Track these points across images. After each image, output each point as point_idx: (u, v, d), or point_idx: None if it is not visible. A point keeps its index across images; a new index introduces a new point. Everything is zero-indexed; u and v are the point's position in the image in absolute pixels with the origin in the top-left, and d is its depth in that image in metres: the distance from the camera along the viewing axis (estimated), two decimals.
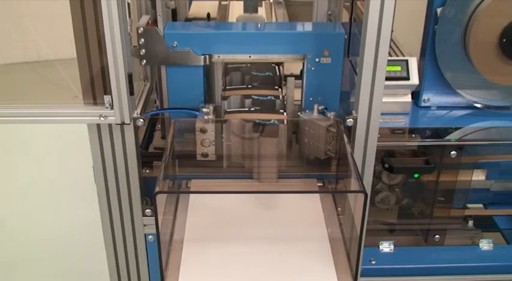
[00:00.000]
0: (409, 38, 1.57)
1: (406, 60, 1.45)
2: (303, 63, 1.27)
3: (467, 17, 1.39)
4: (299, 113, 1.28)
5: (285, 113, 1.29)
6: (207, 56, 1.25)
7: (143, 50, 1.22)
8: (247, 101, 1.34)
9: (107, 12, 1.04)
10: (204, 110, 1.23)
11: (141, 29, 1.21)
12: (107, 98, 1.13)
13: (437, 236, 1.49)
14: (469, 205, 1.54)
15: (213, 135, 1.23)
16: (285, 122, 1.25)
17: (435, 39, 1.43)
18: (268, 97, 1.34)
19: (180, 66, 1.24)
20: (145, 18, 1.29)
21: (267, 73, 1.43)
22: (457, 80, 1.48)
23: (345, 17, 1.53)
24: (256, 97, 1.34)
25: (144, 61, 1.23)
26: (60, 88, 1.28)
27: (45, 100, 1.18)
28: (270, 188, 1.28)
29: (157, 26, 1.24)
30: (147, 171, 1.37)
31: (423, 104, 1.51)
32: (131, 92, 1.14)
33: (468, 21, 1.39)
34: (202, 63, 1.25)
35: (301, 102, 1.31)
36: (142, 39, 1.21)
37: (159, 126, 1.54)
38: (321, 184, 1.35)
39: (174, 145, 1.23)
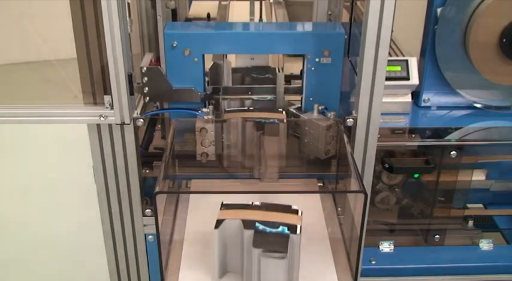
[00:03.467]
0: (409, 38, 1.57)
1: (406, 60, 1.45)
2: (303, 64, 1.27)
3: (467, 17, 1.39)
4: (291, 109, 1.27)
5: (284, 112, 1.28)
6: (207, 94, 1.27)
7: (146, 88, 1.24)
8: (247, 101, 1.34)
9: (107, 12, 1.04)
10: (204, 110, 1.23)
11: (145, 68, 1.22)
12: (106, 98, 1.13)
13: (437, 236, 1.49)
14: (469, 205, 1.55)
15: (213, 136, 1.23)
16: (285, 121, 1.25)
17: (435, 39, 1.43)
18: (269, 98, 1.34)
19: (180, 65, 1.24)
20: (148, 57, 1.29)
21: (267, 75, 1.43)
22: (457, 80, 1.48)
23: (345, 17, 1.53)
24: (256, 98, 1.34)
25: (148, 98, 1.25)
26: (60, 88, 1.28)
27: (45, 100, 1.18)
28: (270, 188, 1.28)
29: (159, 65, 1.24)
30: (147, 171, 1.37)
31: (423, 104, 1.51)
32: (131, 92, 1.14)
33: (468, 21, 1.39)
34: (203, 101, 1.26)
35: (301, 103, 1.31)
36: (146, 78, 1.23)
37: (159, 126, 1.54)
38: (321, 184, 1.35)
39: (174, 145, 1.23)
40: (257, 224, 1.01)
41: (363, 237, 1.08)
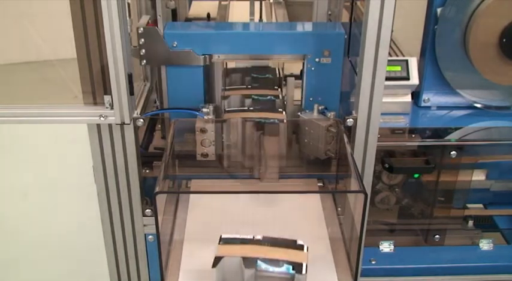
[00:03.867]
0: (409, 38, 1.57)
1: (406, 60, 1.45)
2: (303, 63, 1.27)
3: (467, 17, 1.39)
4: (299, 113, 1.28)
5: (284, 112, 1.29)
6: (207, 56, 1.25)
7: (143, 50, 1.22)
8: (247, 101, 1.34)
9: (107, 12, 1.04)
10: (204, 110, 1.23)
11: (141, 29, 1.21)
12: (107, 98, 1.13)
13: (437, 236, 1.49)
14: (469, 205, 1.55)
15: (213, 136, 1.23)
16: (285, 121, 1.25)
17: (435, 39, 1.43)
18: (268, 97, 1.34)
19: (180, 66, 1.24)
20: (145, 18, 1.29)
21: (267, 75, 1.43)
22: (457, 80, 1.48)
23: (345, 17, 1.53)
24: (256, 97, 1.34)
25: (144, 61, 1.23)
26: (60, 88, 1.28)
27: (45, 100, 1.18)
28: (270, 188, 1.28)
29: (157, 26, 1.23)
30: (147, 171, 1.37)
31: (423, 104, 1.51)
32: (131, 92, 1.14)
33: (468, 21, 1.39)
34: (202, 64, 1.25)
35: (301, 102, 1.31)
36: (142, 39, 1.21)
37: (159, 126, 1.54)
38: (321, 184, 1.35)
39: (174, 145, 1.23)
40: (259, 262, 0.93)
41: (363, 237, 1.08)
